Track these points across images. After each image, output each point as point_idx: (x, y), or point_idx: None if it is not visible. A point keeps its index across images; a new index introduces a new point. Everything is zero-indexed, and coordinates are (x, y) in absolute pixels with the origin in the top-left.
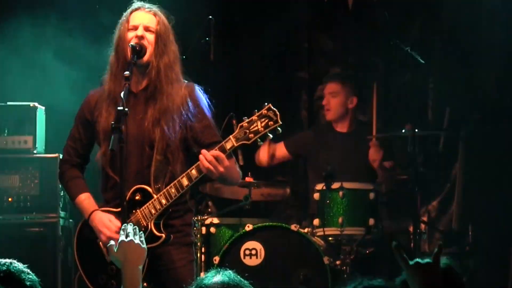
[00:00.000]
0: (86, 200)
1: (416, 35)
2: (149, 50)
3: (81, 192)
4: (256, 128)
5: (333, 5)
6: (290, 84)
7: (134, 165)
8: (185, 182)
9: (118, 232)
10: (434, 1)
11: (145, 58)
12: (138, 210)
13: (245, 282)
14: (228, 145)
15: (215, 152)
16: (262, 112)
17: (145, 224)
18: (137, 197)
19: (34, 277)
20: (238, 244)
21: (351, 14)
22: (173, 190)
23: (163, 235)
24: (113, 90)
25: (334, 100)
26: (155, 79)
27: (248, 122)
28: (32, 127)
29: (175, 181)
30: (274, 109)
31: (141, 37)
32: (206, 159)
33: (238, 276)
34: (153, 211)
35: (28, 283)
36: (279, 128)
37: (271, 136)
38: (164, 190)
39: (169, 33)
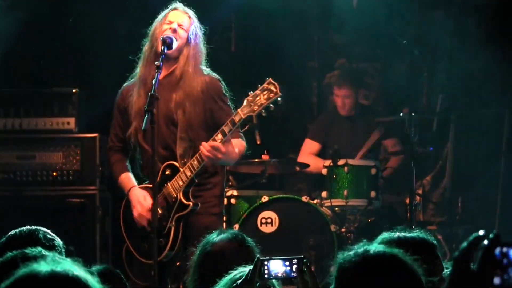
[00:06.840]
0: (125, 179)
1: (413, 31)
2: (178, 43)
3: (122, 172)
4: (259, 100)
5: (340, 3)
6: (301, 73)
7: (163, 141)
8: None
9: (149, 210)
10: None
11: (174, 50)
12: (168, 184)
13: (249, 239)
14: (237, 118)
15: (212, 142)
16: (264, 86)
17: (175, 195)
18: (167, 172)
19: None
20: (255, 213)
21: (356, 12)
22: (195, 163)
23: (191, 203)
24: (143, 74)
25: (348, 100)
26: (181, 67)
27: (252, 96)
28: (74, 110)
29: (197, 154)
30: (274, 82)
31: (174, 30)
32: (206, 149)
33: (241, 233)
34: (180, 183)
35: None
36: (279, 99)
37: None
38: (188, 163)
39: (198, 35)
